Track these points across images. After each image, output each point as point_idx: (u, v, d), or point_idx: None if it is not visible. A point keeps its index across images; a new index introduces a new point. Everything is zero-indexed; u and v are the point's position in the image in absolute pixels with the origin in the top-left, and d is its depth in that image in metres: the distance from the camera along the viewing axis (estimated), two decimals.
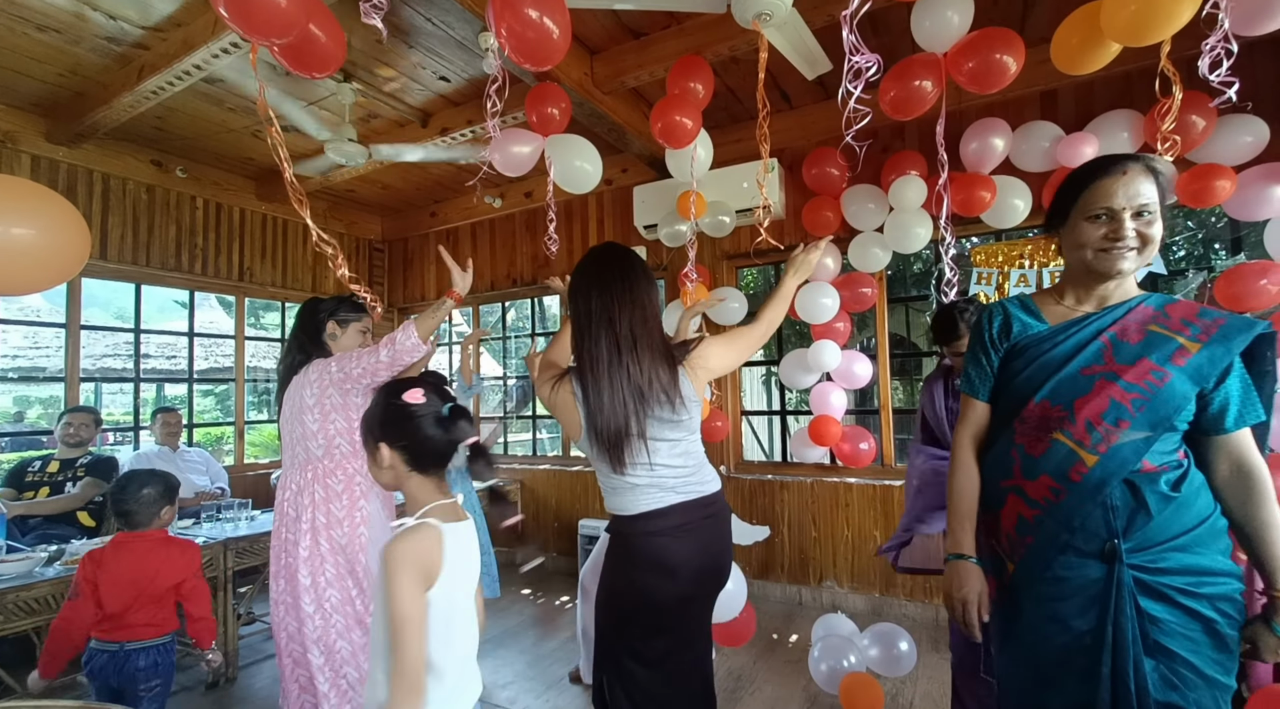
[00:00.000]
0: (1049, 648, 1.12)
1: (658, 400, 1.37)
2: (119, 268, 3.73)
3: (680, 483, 1.43)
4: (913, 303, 5.99)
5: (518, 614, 3.47)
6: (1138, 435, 1.07)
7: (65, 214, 1.34)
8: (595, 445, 1.39)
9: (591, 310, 1.40)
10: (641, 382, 1.36)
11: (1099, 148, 2.63)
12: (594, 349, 1.38)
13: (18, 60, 2.86)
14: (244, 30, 1.58)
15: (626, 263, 1.46)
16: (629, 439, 1.36)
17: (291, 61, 1.80)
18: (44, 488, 3.08)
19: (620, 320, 1.38)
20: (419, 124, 3.54)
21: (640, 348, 1.38)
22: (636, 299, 1.41)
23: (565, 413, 1.43)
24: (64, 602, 1.91)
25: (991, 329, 1.26)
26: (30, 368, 7.54)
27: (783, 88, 3.32)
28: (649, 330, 1.41)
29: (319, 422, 1.93)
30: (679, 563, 1.38)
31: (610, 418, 1.35)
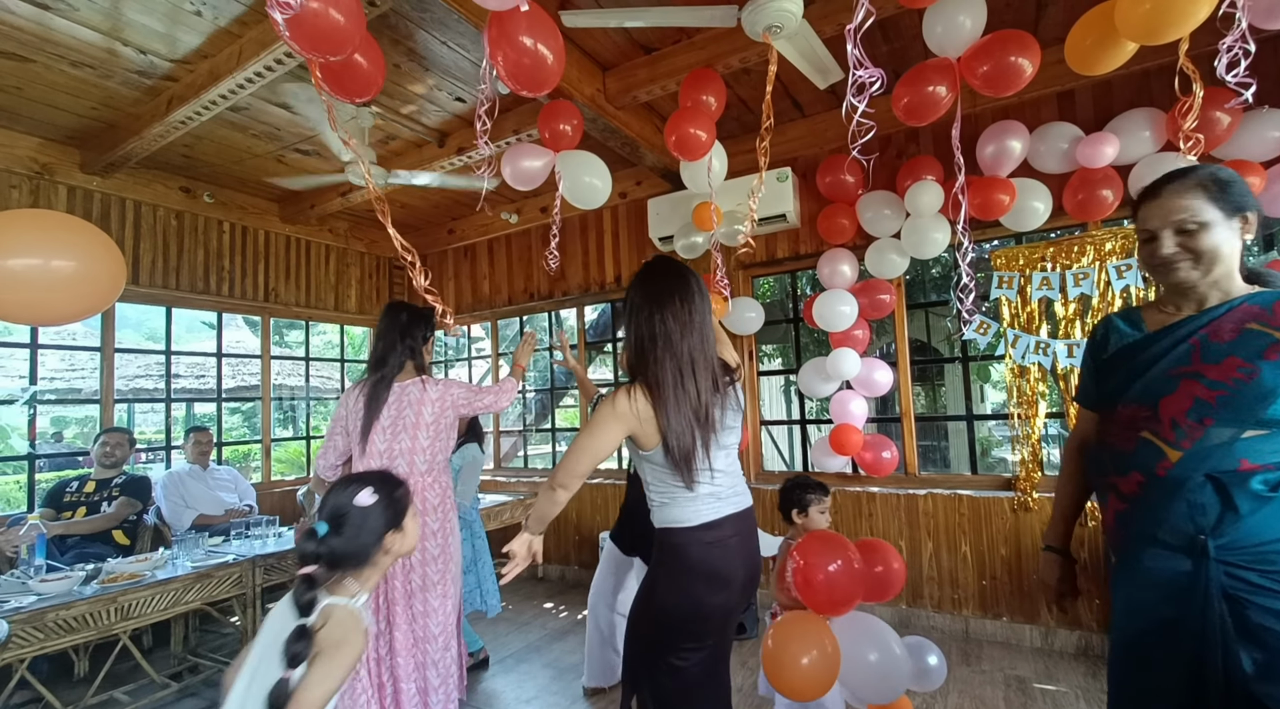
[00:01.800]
0: (1138, 634, 1.18)
1: (716, 417, 1.45)
2: (150, 292, 3.85)
3: (730, 493, 1.50)
4: (933, 308, 5.92)
5: (540, 628, 3.47)
6: (1224, 432, 1.08)
7: (102, 247, 1.40)
8: (668, 461, 1.42)
9: (655, 334, 1.43)
10: (700, 404, 1.42)
11: (1120, 147, 2.59)
12: (659, 372, 1.41)
13: (54, 95, 2.98)
14: (302, 47, 1.64)
15: (683, 282, 1.48)
16: (695, 456, 1.41)
17: (335, 85, 1.86)
18: (81, 507, 3.17)
19: (681, 344, 1.42)
20: (436, 144, 3.61)
21: (699, 370, 1.43)
22: (694, 321, 1.45)
23: (643, 425, 1.42)
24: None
25: (1094, 341, 1.35)
26: (67, 389, 7.78)
27: (794, 96, 3.32)
28: (706, 352, 1.47)
29: (430, 438, 2.12)
30: (731, 573, 1.45)
31: (680, 437, 1.40)
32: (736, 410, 1.54)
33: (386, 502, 1.20)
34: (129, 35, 2.56)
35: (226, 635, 3.47)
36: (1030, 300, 2.98)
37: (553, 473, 1.48)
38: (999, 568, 3.03)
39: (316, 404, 9.42)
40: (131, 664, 2.85)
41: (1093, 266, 2.86)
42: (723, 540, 1.44)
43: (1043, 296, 2.96)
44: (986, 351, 3.32)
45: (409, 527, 1.24)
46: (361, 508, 1.17)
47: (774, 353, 7.71)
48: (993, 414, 7.99)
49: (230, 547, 2.90)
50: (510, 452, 5.51)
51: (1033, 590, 2.96)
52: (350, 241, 5.00)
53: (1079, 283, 2.87)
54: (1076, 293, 2.88)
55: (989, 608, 3.04)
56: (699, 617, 1.43)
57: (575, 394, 5.19)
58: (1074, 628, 2.87)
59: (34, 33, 2.50)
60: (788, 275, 4.16)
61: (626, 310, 1.52)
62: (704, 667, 1.46)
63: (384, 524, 1.19)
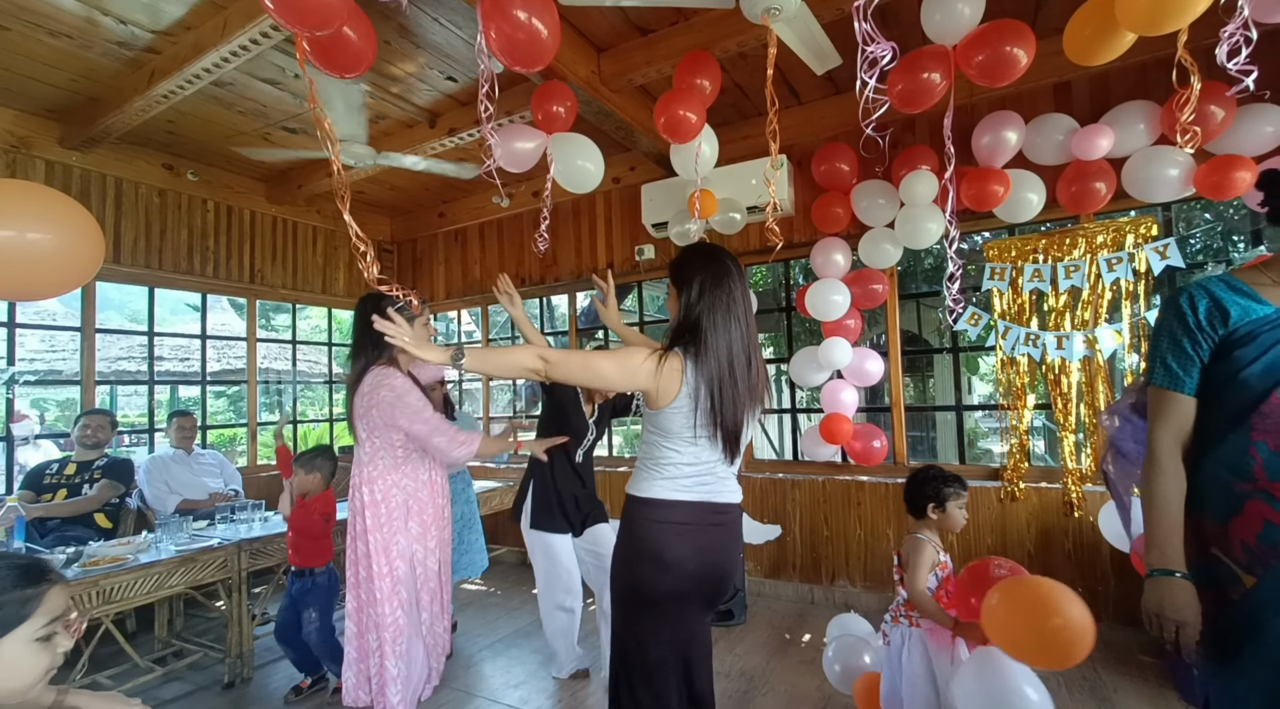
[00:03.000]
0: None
1: (758, 403, 1.50)
2: (132, 271, 3.76)
3: (712, 482, 1.51)
4: (925, 299, 5.93)
5: (529, 614, 3.47)
6: None
7: (80, 219, 1.35)
8: (712, 435, 1.44)
9: (729, 308, 1.47)
10: (758, 383, 1.49)
11: (1115, 140, 2.59)
12: (729, 346, 1.45)
13: (31, 66, 2.88)
14: (287, 21, 1.58)
15: (738, 264, 1.56)
16: (741, 433, 1.46)
17: (324, 60, 1.81)
18: (62, 490, 3.11)
19: (747, 322, 1.49)
20: (427, 124, 3.54)
21: (758, 351, 1.51)
22: (750, 302, 1.53)
23: (669, 385, 1.42)
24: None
25: (1198, 314, 1.11)
26: (47, 371, 7.64)
27: (791, 83, 3.29)
28: (757, 335, 1.54)
29: (366, 432, 2.16)
30: (677, 558, 1.45)
31: (733, 411, 1.44)
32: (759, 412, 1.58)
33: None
34: (109, 4, 2.47)
35: (212, 620, 3.44)
36: (1022, 292, 2.99)
37: (551, 349, 1.46)
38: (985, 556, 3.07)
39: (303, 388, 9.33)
40: (115, 648, 2.82)
41: (1084, 259, 2.87)
42: (674, 522, 1.44)
43: (1034, 289, 2.97)
44: (977, 343, 3.34)
45: (7, 656, 0.85)
46: None
47: (766, 341, 7.72)
48: (981, 405, 8.07)
49: (215, 531, 2.87)
50: None
51: None
52: (339, 223, 4.92)
53: (1070, 275, 2.89)
54: (1067, 285, 2.89)
55: None
56: (644, 596, 1.45)
57: None
58: None
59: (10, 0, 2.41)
60: (781, 264, 4.15)
61: (685, 279, 1.51)
62: (665, 647, 1.46)
63: None
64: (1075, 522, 2.89)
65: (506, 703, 2.50)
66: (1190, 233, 5.53)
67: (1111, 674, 2.53)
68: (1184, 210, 5.17)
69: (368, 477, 2.17)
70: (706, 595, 1.52)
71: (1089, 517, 2.83)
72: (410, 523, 2.20)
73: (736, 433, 1.46)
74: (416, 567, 2.20)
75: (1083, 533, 2.87)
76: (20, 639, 0.86)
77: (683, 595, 1.46)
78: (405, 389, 2.11)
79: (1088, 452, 2.89)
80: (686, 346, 1.46)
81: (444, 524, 2.34)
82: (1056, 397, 2.93)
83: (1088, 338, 2.84)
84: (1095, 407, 2.87)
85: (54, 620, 0.90)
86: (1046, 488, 2.97)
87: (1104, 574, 2.82)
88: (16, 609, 0.86)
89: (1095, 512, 2.78)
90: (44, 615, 0.88)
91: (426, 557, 2.24)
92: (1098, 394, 2.86)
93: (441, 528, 2.32)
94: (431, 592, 2.27)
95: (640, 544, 1.46)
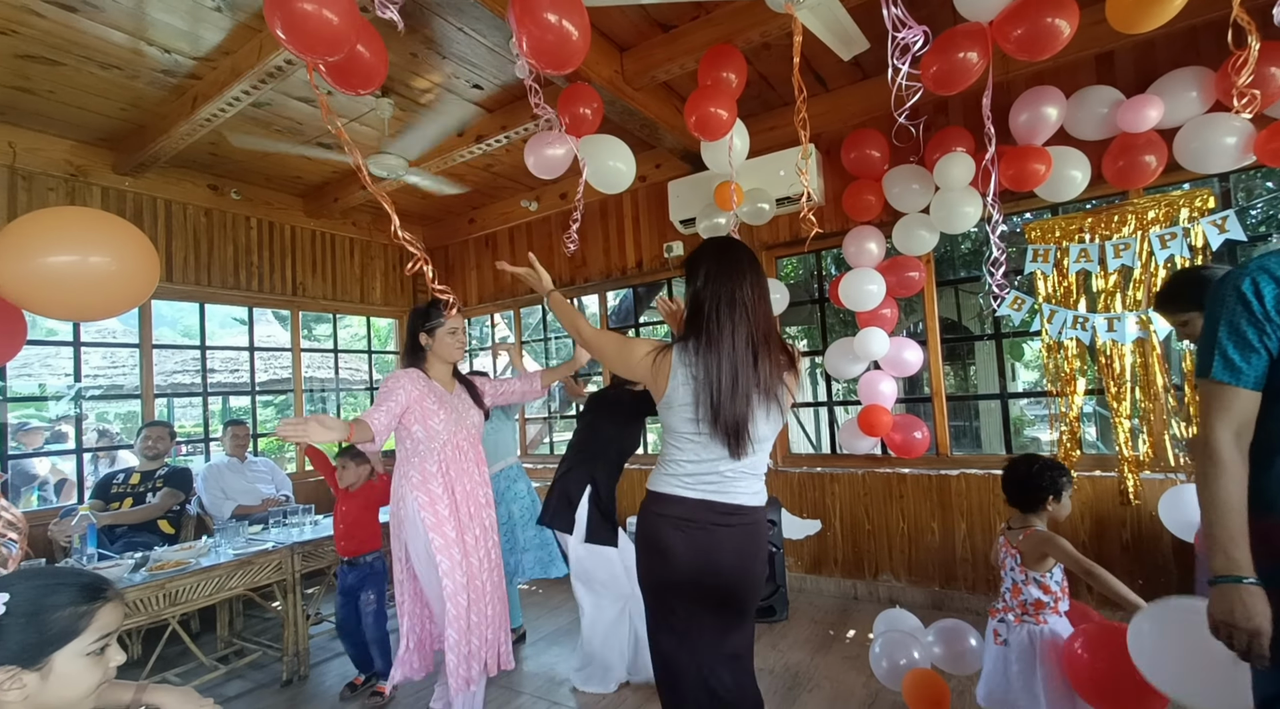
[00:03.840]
0: None
1: (773, 400, 1.43)
2: (183, 289, 3.94)
3: (727, 483, 1.46)
4: (963, 285, 5.77)
5: (571, 612, 3.51)
6: None
7: (137, 243, 1.42)
8: (711, 430, 1.40)
9: (734, 299, 1.42)
10: (766, 381, 1.42)
11: (1164, 109, 2.47)
12: (732, 338, 1.40)
13: (85, 98, 3.04)
14: (298, 49, 1.63)
15: (753, 257, 1.51)
16: (746, 431, 1.39)
17: (338, 79, 1.85)
18: (128, 498, 3.28)
19: (757, 316, 1.43)
20: (455, 134, 3.60)
21: (772, 346, 1.44)
22: (765, 296, 1.47)
23: (659, 379, 1.45)
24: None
25: (1264, 301, 1.03)
26: (110, 386, 8.06)
27: (816, 70, 3.23)
28: (774, 330, 1.47)
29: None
30: (678, 555, 1.45)
31: (733, 407, 1.38)
32: (779, 412, 1.48)
33: (22, 621, 0.86)
34: (153, 34, 2.59)
35: (269, 620, 3.58)
36: (1068, 274, 2.87)
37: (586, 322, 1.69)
38: None
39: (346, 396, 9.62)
40: (181, 648, 2.96)
41: (1134, 236, 2.74)
42: (673, 517, 1.44)
43: (1081, 269, 2.85)
44: (1020, 328, 3.22)
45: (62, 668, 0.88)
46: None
47: (799, 334, 7.62)
48: (1027, 392, 7.78)
49: (269, 535, 2.98)
50: (536, 438, 5.56)
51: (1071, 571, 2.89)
52: (373, 234, 5.05)
53: (1119, 254, 2.76)
54: (1117, 264, 2.77)
55: None
56: (647, 586, 1.50)
57: (599, 381, 5.19)
58: (1115, 609, 2.79)
59: (62, 35, 2.54)
60: (812, 255, 4.09)
61: (692, 273, 1.51)
62: (681, 641, 1.47)
63: (7, 652, 0.84)
64: (1133, 511, 2.76)
65: (551, 699, 2.53)
66: (1251, 203, 5.23)
67: None
68: (1243, 180, 4.89)
69: (398, 474, 2.21)
70: (710, 595, 1.46)
71: (1147, 505, 2.71)
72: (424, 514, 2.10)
73: (738, 429, 1.39)
74: (439, 558, 2.09)
75: (1141, 522, 2.75)
76: (73, 653, 0.89)
77: (679, 589, 1.46)
78: (404, 379, 2.13)
79: (1145, 437, 2.76)
80: (687, 341, 1.45)
81: (479, 523, 2.25)
82: (1109, 381, 2.81)
83: (1141, 318, 2.72)
84: (1151, 390, 2.74)
85: (106, 636, 0.94)
86: (1101, 476, 2.85)
87: (1165, 565, 2.70)
88: (71, 624, 0.89)
89: (1154, 500, 2.65)
90: (96, 631, 0.92)
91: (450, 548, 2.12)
92: (1154, 377, 2.74)
93: (475, 525, 2.22)
94: (476, 589, 2.17)
95: (643, 535, 1.51)
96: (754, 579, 1.51)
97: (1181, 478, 2.66)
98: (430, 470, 2.16)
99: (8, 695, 0.84)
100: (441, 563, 2.09)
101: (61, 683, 0.88)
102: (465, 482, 2.23)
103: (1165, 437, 2.73)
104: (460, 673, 2.09)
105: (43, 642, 0.87)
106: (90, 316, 1.38)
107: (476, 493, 2.27)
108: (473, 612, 2.15)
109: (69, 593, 0.91)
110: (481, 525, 2.26)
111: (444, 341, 2.26)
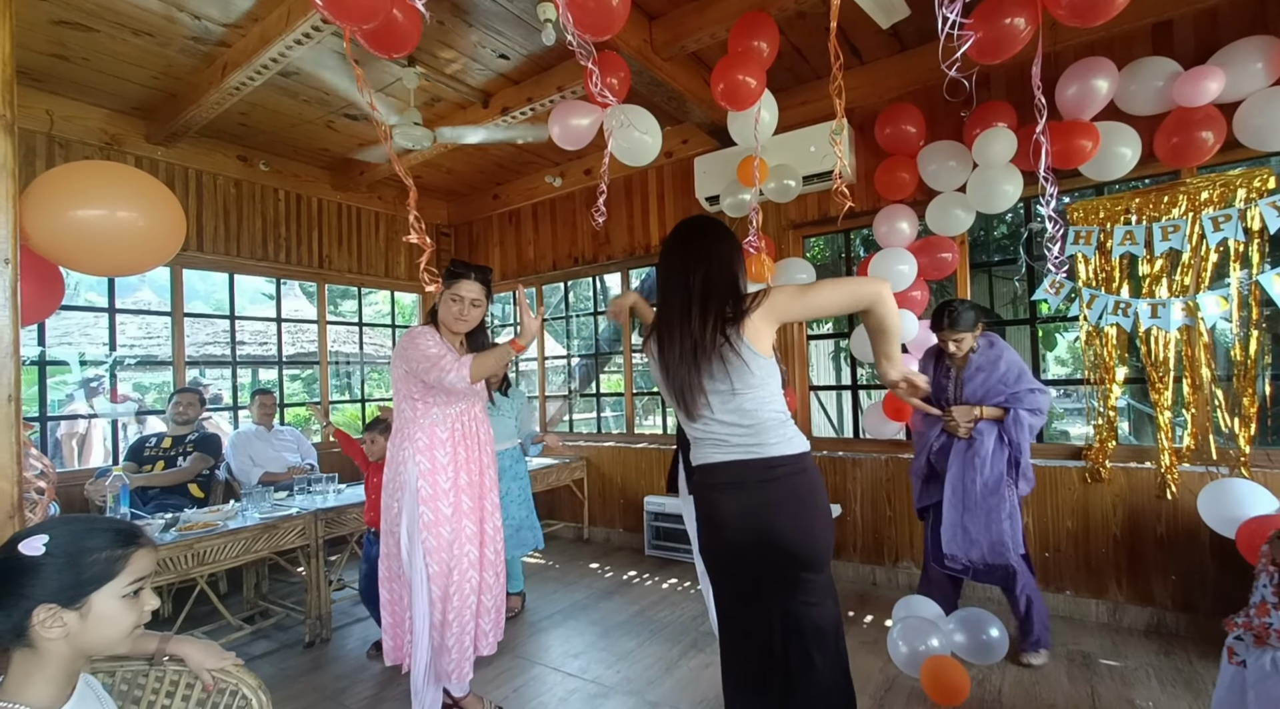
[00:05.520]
0: None
1: (715, 354, 1.40)
2: (213, 258, 4.00)
3: (736, 441, 1.44)
4: (997, 268, 5.59)
5: (586, 587, 3.54)
6: None
7: (164, 199, 1.43)
8: (669, 397, 1.50)
9: (671, 270, 1.51)
10: (700, 335, 1.41)
11: (1226, 83, 2.32)
12: (667, 306, 1.50)
13: (118, 66, 3.07)
14: (336, 17, 1.62)
15: (702, 223, 1.57)
16: (691, 392, 1.43)
17: (373, 43, 1.84)
18: (160, 462, 3.37)
19: (694, 276, 1.47)
20: (480, 105, 3.57)
21: (709, 301, 1.43)
22: (709, 253, 1.49)
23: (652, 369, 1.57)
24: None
25: None
26: (145, 356, 8.30)
27: (852, 41, 3.12)
28: (719, 282, 1.46)
29: (396, 396, 2.10)
30: (722, 520, 1.45)
31: (677, 371, 1.45)
32: (738, 357, 1.39)
33: (61, 561, 0.89)
34: (185, 0, 2.59)
35: (294, 584, 3.68)
36: (1111, 256, 2.75)
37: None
38: (1063, 540, 2.89)
39: (370, 370, 9.77)
40: (209, 607, 3.05)
41: (1184, 218, 2.61)
42: (713, 486, 1.47)
43: (1125, 252, 2.73)
44: (1057, 313, 3.11)
45: (100, 608, 0.91)
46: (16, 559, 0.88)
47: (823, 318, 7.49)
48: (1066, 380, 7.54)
49: (294, 501, 3.04)
50: (556, 416, 5.58)
51: (1100, 565, 2.81)
52: (399, 209, 5.07)
53: (1168, 236, 2.63)
54: (1164, 247, 2.64)
55: (1051, 581, 2.91)
56: (708, 553, 1.53)
57: (620, 361, 5.17)
58: (1145, 604, 2.72)
59: (97, 0, 2.56)
60: (840, 235, 3.99)
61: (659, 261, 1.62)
62: (732, 607, 1.51)
63: (39, 591, 0.87)
64: (1170, 505, 2.67)
65: (565, 671, 2.55)
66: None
67: (1210, 668, 2.34)
68: None
69: (396, 441, 2.06)
70: (769, 559, 1.41)
71: (1186, 500, 2.61)
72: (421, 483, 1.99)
73: (682, 392, 1.45)
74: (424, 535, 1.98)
75: (1178, 517, 2.65)
76: (110, 594, 0.93)
77: (733, 556, 1.48)
78: (425, 333, 2.02)
79: (1188, 429, 2.66)
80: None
81: (479, 487, 2.13)
82: (1151, 370, 2.70)
83: (1188, 305, 2.59)
84: (1196, 381, 2.63)
85: (141, 579, 0.97)
86: (1136, 468, 2.76)
87: (1202, 562, 2.61)
88: (108, 566, 0.93)
89: (1194, 494, 2.56)
90: (131, 574, 0.95)
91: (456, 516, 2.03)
92: (1199, 367, 2.62)
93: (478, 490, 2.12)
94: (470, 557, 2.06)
95: (697, 506, 1.56)
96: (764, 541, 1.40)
97: (1224, 472, 2.55)
98: (440, 436, 2.02)
99: (49, 633, 0.87)
100: (427, 540, 1.96)
101: (99, 623, 0.92)
102: (472, 463, 2.10)
103: (1208, 429, 2.62)
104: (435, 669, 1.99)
105: (81, 582, 0.90)
106: (118, 271, 1.39)
107: (485, 475, 2.15)
108: (449, 604, 1.99)
109: (105, 536, 0.94)
110: (484, 508, 2.12)
111: (445, 305, 2.09)
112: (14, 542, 0.91)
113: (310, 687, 2.50)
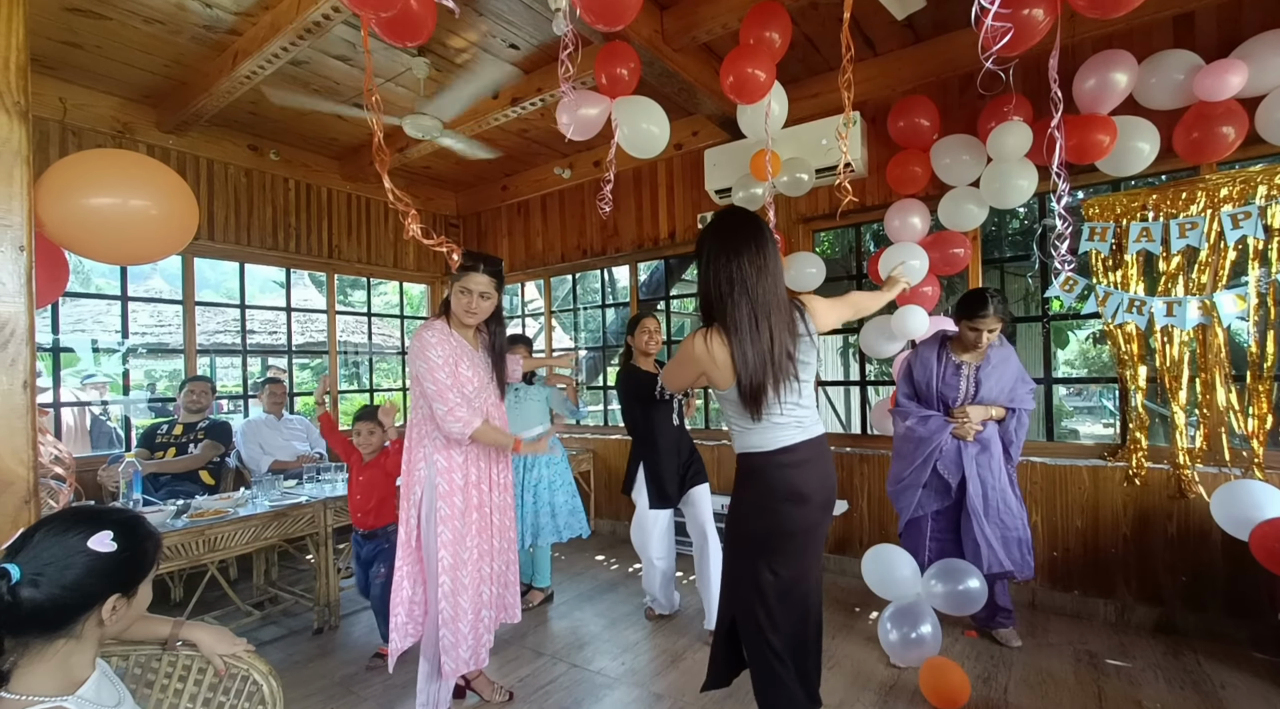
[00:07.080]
0: None
1: (789, 355, 1.56)
2: (224, 247, 4.02)
3: (808, 421, 1.63)
4: (1010, 264, 5.54)
5: (592, 579, 3.56)
6: None
7: (177, 188, 1.43)
8: (739, 398, 1.56)
9: (733, 280, 1.53)
10: (775, 345, 1.53)
11: (1249, 76, 2.28)
12: (736, 316, 1.53)
13: (130, 54, 3.08)
14: (353, 5, 1.62)
15: (757, 229, 1.58)
16: (766, 394, 1.53)
17: (388, 32, 1.84)
18: (171, 448, 3.41)
19: (757, 289, 1.53)
20: (489, 95, 3.55)
21: (774, 313, 1.54)
22: (768, 267, 1.55)
23: (718, 368, 1.57)
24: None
25: None
26: (156, 344, 8.39)
27: (866, 33, 3.08)
28: (779, 295, 1.57)
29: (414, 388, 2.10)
30: (809, 492, 1.60)
31: (753, 376, 1.52)
32: (810, 346, 1.65)
33: (127, 555, 0.94)
34: None
35: (302, 571, 3.72)
36: (1127, 253, 2.71)
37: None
38: (1072, 539, 2.87)
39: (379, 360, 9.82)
40: (219, 593, 3.09)
41: (1203, 215, 2.56)
42: (798, 463, 1.59)
43: (1141, 249, 2.69)
44: (1069, 311, 3.07)
45: (142, 594, 1.00)
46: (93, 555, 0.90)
47: None
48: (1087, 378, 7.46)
49: (303, 489, 3.07)
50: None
51: (1109, 564, 2.80)
52: (409, 199, 5.06)
53: (1185, 233, 2.59)
54: (1181, 245, 2.60)
55: (1058, 580, 2.90)
56: (783, 532, 1.59)
57: None
58: (1154, 604, 2.70)
59: None
60: (851, 229, 3.95)
61: (702, 258, 1.61)
62: (789, 582, 1.60)
63: (111, 584, 0.93)
64: (1181, 505, 2.64)
65: (571, 662, 2.57)
66: None
67: (1219, 668, 2.33)
68: None
69: (414, 436, 2.07)
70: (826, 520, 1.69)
71: (1198, 500, 2.59)
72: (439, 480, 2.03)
73: (757, 396, 1.55)
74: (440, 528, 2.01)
75: (1189, 517, 2.63)
76: (147, 581, 1.02)
77: (812, 525, 1.64)
78: (433, 343, 1.99)
79: (1201, 429, 2.63)
80: (710, 324, 1.59)
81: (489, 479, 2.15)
82: (1165, 369, 2.67)
83: (1204, 303, 2.56)
84: (1210, 380, 2.60)
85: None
86: (1150, 468, 2.73)
87: (1212, 562, 2.58)
88: (154, 557, 1.02)
89: (1207, 495, 2.53)
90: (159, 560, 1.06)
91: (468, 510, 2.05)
92: (1213, 367, 2.58)
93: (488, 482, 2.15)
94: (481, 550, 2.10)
95: (776, 486, 1.64)
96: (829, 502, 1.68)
97: (1237, 473, 2.52)
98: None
99: (114, 623, 0.96)
100: (443, 533, 1.99)
101: (137, 608, 1.01)
102: (484, 459, 2.12)
103: (1221, 429, 2.59)
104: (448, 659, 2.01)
105: (139, 573, 0.99)
106: (131, 260, 1.40)
107: (493, 471, 2.16)
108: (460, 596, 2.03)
109: (148, 529, 1.03)
110: (491, 506, 2.14)
111: (455, 298, 2.06)
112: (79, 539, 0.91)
113: (319, 673, 2.53)
